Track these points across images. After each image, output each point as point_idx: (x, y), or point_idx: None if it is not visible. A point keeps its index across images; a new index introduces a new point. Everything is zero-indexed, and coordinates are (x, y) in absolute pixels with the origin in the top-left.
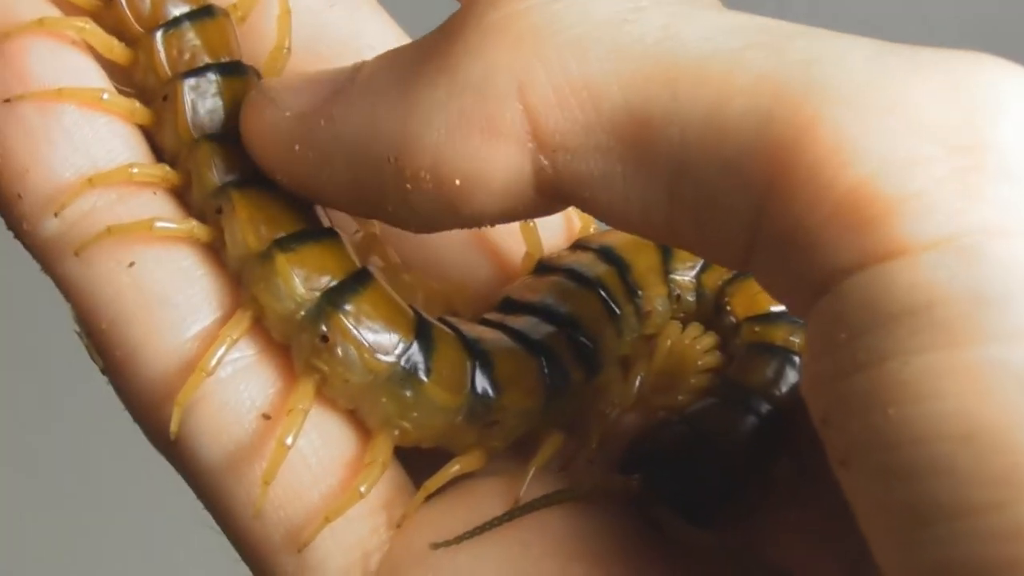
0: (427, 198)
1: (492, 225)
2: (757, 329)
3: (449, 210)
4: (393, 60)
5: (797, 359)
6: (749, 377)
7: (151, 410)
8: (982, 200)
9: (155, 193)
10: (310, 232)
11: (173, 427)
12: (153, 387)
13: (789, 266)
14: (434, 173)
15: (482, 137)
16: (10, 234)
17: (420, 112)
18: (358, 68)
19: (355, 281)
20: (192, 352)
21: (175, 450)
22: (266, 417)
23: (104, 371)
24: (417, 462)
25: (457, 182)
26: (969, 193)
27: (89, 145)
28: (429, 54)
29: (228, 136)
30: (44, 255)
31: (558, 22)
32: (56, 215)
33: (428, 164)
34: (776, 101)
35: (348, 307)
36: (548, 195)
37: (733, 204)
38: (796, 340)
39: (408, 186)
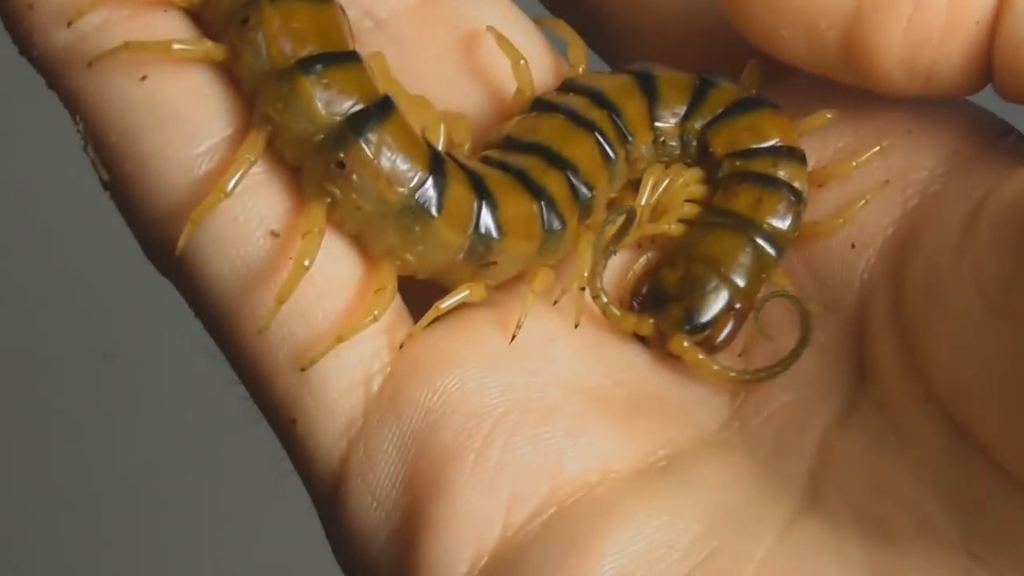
0: None
1: None
2: (738, 162)
3: None
4: None
5: (780, 183)
6: (734, 202)
7: (158, 224)
8: None
9: (165, 11)
10: (336, 54)
11: (181, 242)
12: (162, 200)
13: None
14: None
15: None
16: None
17: None
18: None
19: (378, 109)
20: (203, 168)
21: (180, 265)
22: (274, 234)
23: (107, 186)
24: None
25: None
26: None
27: None
28: None
29: None
30: (54, 67)
31: None
32: (69, 25)
33: None
34: None
35: (370, 135)
36: None
37: None
38: (779, 170)
39: None
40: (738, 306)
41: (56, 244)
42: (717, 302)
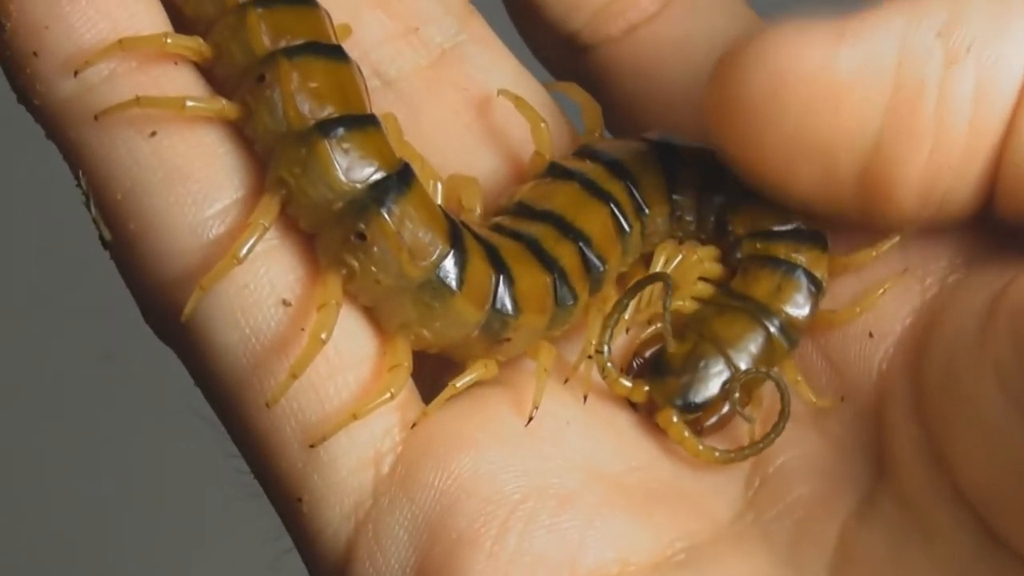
0: None
1: None
2: (759, 245)
3: None
4: None
5: (800, 272)
6: (753, 288)
7: (162, 288)
8: None
9: (176, 64)
10: (356, 118)
11: (188, 309)
12: (168, 264)
13: None
14: None
15: None
16: None
17: None
18: None
19: (400, 178)
20: (213, 231)
21: (184, 332)
22: (286, 304)
23: (108, 245)
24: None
25: None
26: None
27: (112, 8)
28: None
29: (275, 1)
30: (57, 118)
31: None
32: (76, 75)
33: None
34: None
35: (393, 206)
36: None
37: None
38: (800, 256)
39: None
40: (736, 395)
41: (56, 243)
42: (717, 386)
